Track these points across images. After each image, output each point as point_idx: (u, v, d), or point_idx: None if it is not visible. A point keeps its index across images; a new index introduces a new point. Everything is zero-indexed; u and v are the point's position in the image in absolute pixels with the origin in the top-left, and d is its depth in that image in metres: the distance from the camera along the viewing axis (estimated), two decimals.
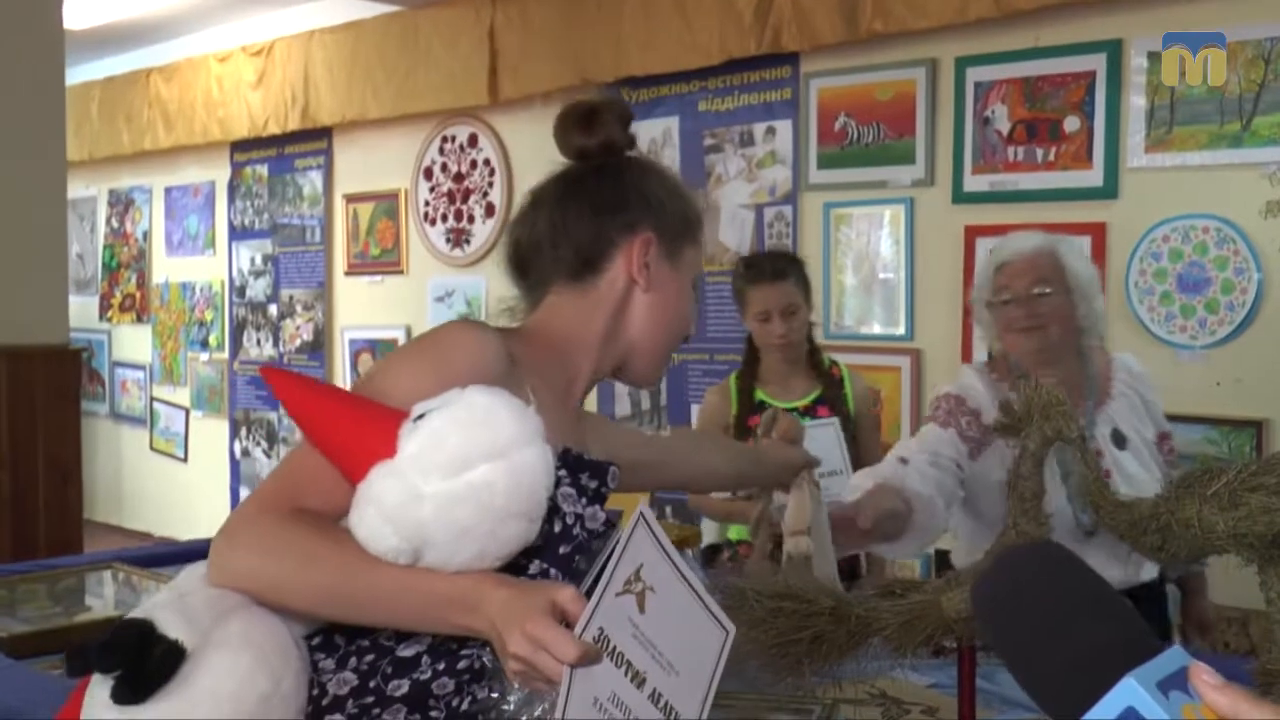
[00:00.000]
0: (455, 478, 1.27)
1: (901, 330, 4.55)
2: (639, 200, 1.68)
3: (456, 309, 6.07)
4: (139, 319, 8.08)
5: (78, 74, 7.43)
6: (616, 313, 1.68)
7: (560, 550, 1.43)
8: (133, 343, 8.13)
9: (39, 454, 4.19)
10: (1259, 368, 3.74)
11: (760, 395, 3.43)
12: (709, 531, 3.65)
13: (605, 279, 1.67)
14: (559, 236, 1.67)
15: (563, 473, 1.45)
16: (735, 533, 3.41)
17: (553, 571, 1.41)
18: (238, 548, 1.37)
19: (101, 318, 8.31)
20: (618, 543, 1.26)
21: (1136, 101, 3.95)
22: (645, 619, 1.26)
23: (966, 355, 4.31)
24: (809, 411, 3.34)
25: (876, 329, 4.58)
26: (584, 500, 1.49)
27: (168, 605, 1.31)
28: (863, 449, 3.26)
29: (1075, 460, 1.84)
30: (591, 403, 5.77)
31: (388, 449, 1.30)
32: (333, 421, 1.37)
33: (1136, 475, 2.56)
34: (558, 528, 1.43)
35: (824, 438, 2.78)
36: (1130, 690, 0.74)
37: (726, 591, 1.76)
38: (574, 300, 1.68)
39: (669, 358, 1.78)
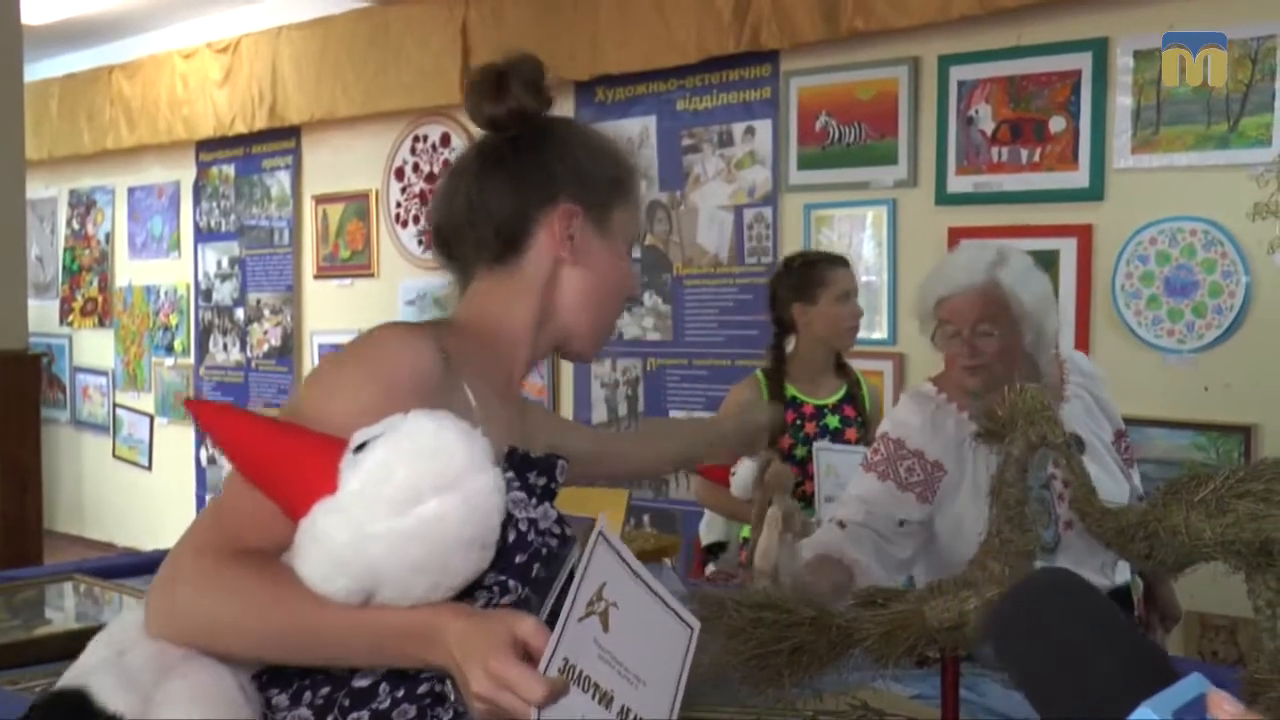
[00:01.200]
0: (405, 514, 1.23)
1: (884, 334, 4.56)
2: (558, 169, 1.61)
3: (429, 313, 6.06)
4: (101, 323, 8.03)
5: (37, 70, 7.39)
6: (545, 294, 1.62)
7: (516, 560, 1.39)
8: (95, 348, 8.08)
9: None
10: (1247, 372, 3.76)
11: (791, 391, 3.56)
12: (713, 529, 3.69)
13: (529, 259, 1.61)
14: (477, 216, 1.61)
15: (510, 474, 1.41)
16: (748, 532, 3.45)
17: (511, 582, 1.38)
18: (177, 595, 1.31)
19: (62, 322, 8.26)
20: (578, 565, 1.24)
21: (1123, 101, 3.97)
22: (609, 637, 1.25)
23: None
24: (837, 409, 3.58)
25: (861, 332, 4.60)
26: (534, 500, 1.45)
27: (104, 669, 1.25)
28: None
29: (1061, 467, 1.85)
30: (567, 408, 5.73)
31: (328, 484, 1.25)
32: (267, 456, 1.31)
33: (1097, 478, 2.53)
34: (511, 536, 1.38)
35: (853, 464, 2.83)
36: (1144, 718, 0.74)
37: (705, 601, 1.76)
38: (500, 285, 1.62)
39: (612, 328, 1.72)
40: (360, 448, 1.26)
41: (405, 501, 1.22)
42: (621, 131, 5.28)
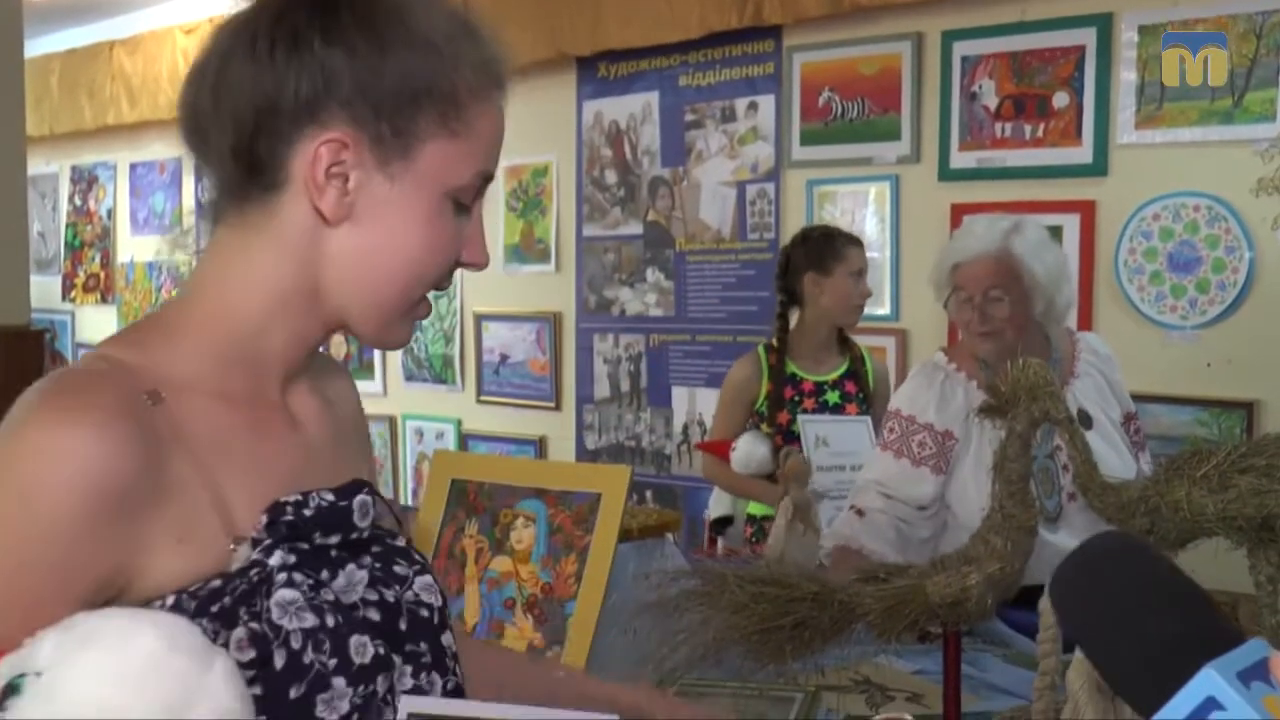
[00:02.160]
0: None
1: (887, 310, 4.56)
2: (333, 64, 1.05)
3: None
4: (103, 299, 8.03)
5: (37, 46, 7.36)
6: (307, 259, 1.09)
7: (291, 694, 0.99)
8: (97, 324, 8.07)
9: None
10: (1250, 348, 3.76)
11: (791, 368, 3.59)
12: (719, 504, 3.72)
13: (283, 200, 1.08)
14: (222, 115, 1.07)
15: (278, 557, 1.02)
16: (755, 508, 3.48)
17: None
18: None
19: (64, 298, 8.26)
20: None
21: (1127, 77, 3.95)
22: None
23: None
24: (837, 385, 3.61)
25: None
26: (322, 575, 1.05)
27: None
28: (877, 426, 3.37)
29: (1064, 442, 1.85)
30: (569, 385, 5.74)
31: None
32: None
33: (1104, 455, 2.57)
34: (280, 660, 0.99)
35: (856, 433, 2.90)
36: (1209, 680, 0.74)
37: (707, 576, 1.76)
38: (245, 234, 1.10)
39: (407, 307, 1.14)
40: (9, 690, 0.83)
41: None
42: (624, 107, 5.28)
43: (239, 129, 1.07)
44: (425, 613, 1.14)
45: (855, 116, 4.62)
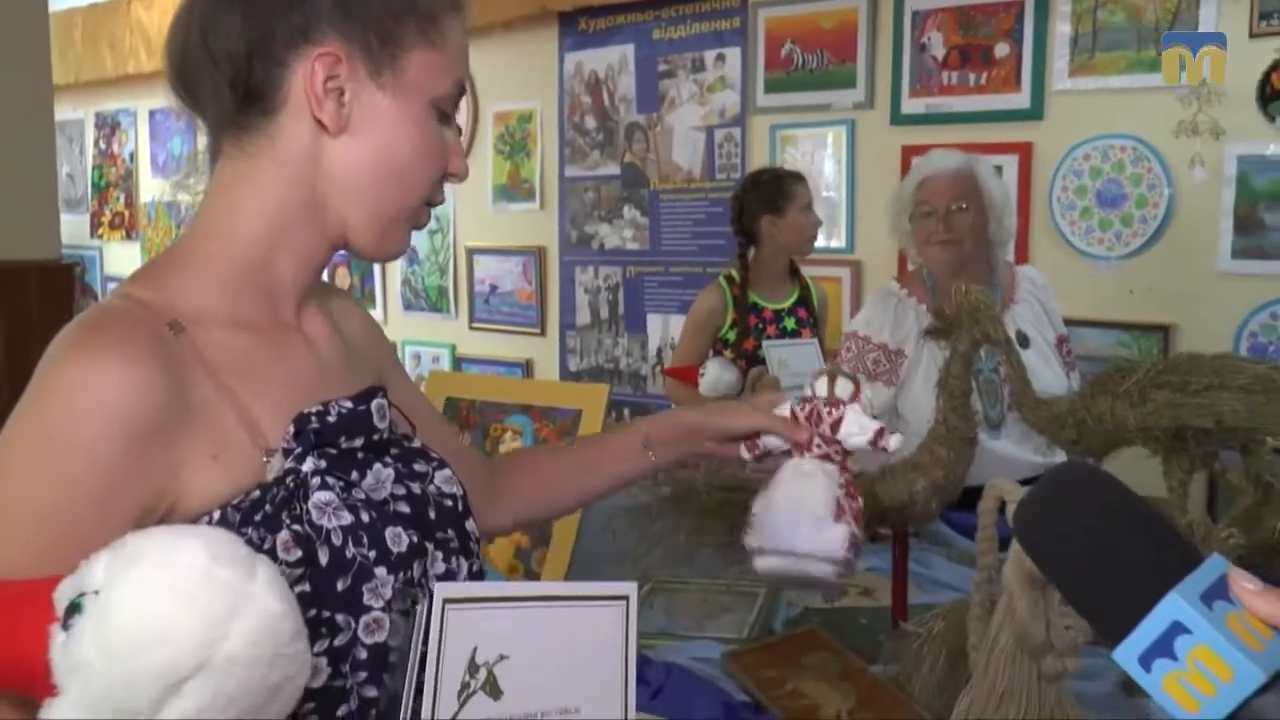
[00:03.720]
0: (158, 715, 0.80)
1: (843, 244, 4.55)
2: None
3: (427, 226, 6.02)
4: (128, 236, 7.96)
5: (61, 1, 7.23)
6: (307, 171, 1.07)
7: (338, 587, 0.99)
8: (123, 258, 8.01)
9: (34, 364, 4.13)
10: (1168, 277, 3.78)
11: (753, 298, 3.59)
12: None
13: (281, 122, 1.06)
14: (215, 55, 1.05)
15: (309, 464, 1.00)
16: None
17: (339, 618, 1.00)
18: None
19: (92, 235, 8.17)
20: (417, 663, 0.87)
21: (1062, 29, 3.93)
22: (509, 698, 0.90)
23: (902, 267, 4.31)
24: (792, 312, 3.61)
25: (820, 242, 4.59)
26: (353, 475, 1.04)
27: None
28: (823, 346, 3.45)
29: (1000, 361, 1.86)
30: (553, 313, 5.72)
31: (39, 668, 0.81)
32: None
33: (1039, 371, 2.61)
34: (324, 557, 0.98)
35: (808, 354, 2.91)
36: (1174, 605, 0.70)
37: (677, 484, 1.77)
38: (248, 160, 1.07)
39: (403, 216, 1.12)
40: (72, 613, 0.81)
41: (148, 706, 0.79)
42: (602, 59, 5.22)
43: (234, 61, 1.05)
44: (449, 503, 1.14)
45: (815, 67, 4.58)
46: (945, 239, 2.65)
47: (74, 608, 0.81)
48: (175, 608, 0.79)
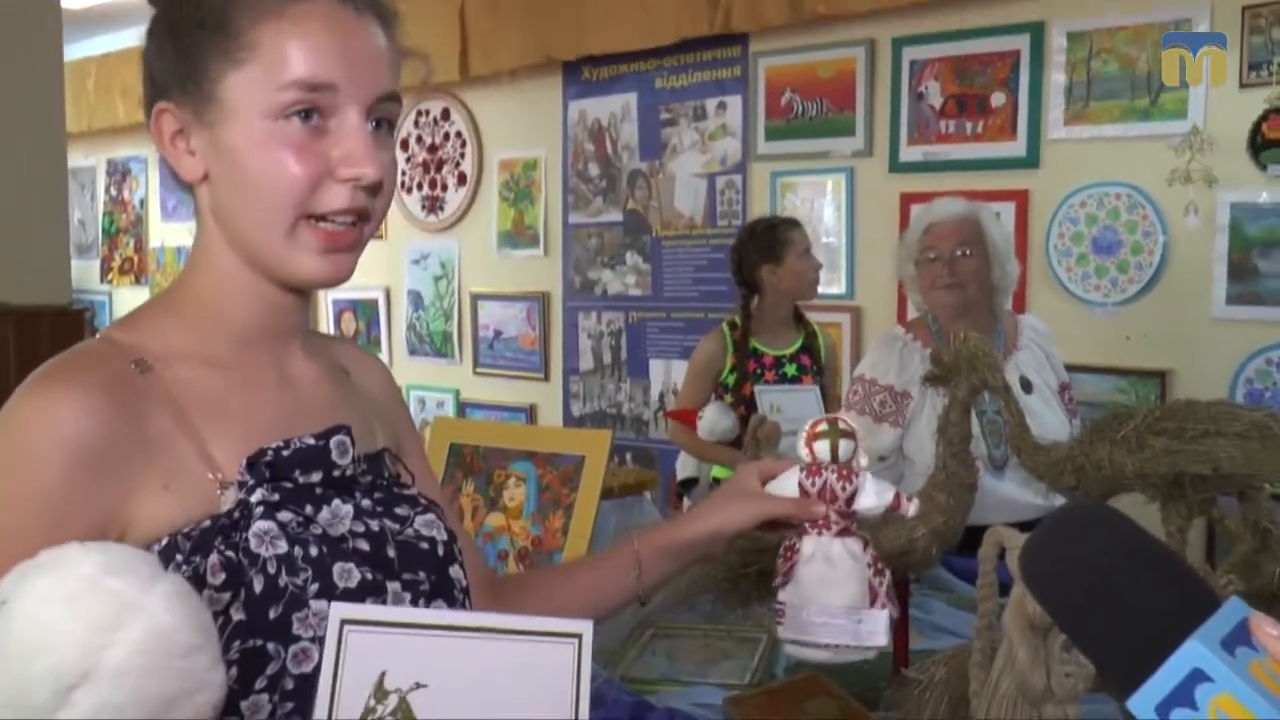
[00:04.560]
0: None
1: (843, 289, 4.56)
2: (150, 51, 1.08)
3: (431, 271, 6.04)
4: (137, 281, 7.98)
5: (76, 51, 7.28)
6: (216, 220, 1.09)
7: (270, 615, 0.99)
8: (132, 303, 7.92)
9: None
10: (1164, 322, 3.78)
11: (754, 344, 3.60)
12: (685, 467, 3.72)
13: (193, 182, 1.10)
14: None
15: (260, 493, 1.02)
16: (719, 471, 3.48)
17: (270, 646, 1.00)
18: None
19: (102, 280, 8.20)
20: (322, 683, 0.83)
21: (1056, 78, 3.96)
22: None
23: (901, 311, 4.33)
24: (794, 359, 3.61)
25: (819, 288, 4.61)
26: (308, 510, 1.04)
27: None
28: (825, 391, 3.47)
29: (1000, 407, 1.86)
30: (556, 358, 5.73)
31: None
32: None
33: (1042, 415, 2.62)
34: (259, 585, 0.98)
35: (806, 401, 2.92)
36: (1194, 651, 0.65)
37: None
38: (199, 227, 1.12)
39: (302, 238, 1.05)
40: None
41: (42, 712, 0.80)
42: (605, 107, 5.25)
43: (151, 137, 1.09)
44: (425, 545, 1.12)
45: (814, 115, 4.61)
46: (949, 283, 2.68)
47: None
48: (60, 615, 0.80)
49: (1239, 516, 1.71)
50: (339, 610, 0.84)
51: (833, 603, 1.24)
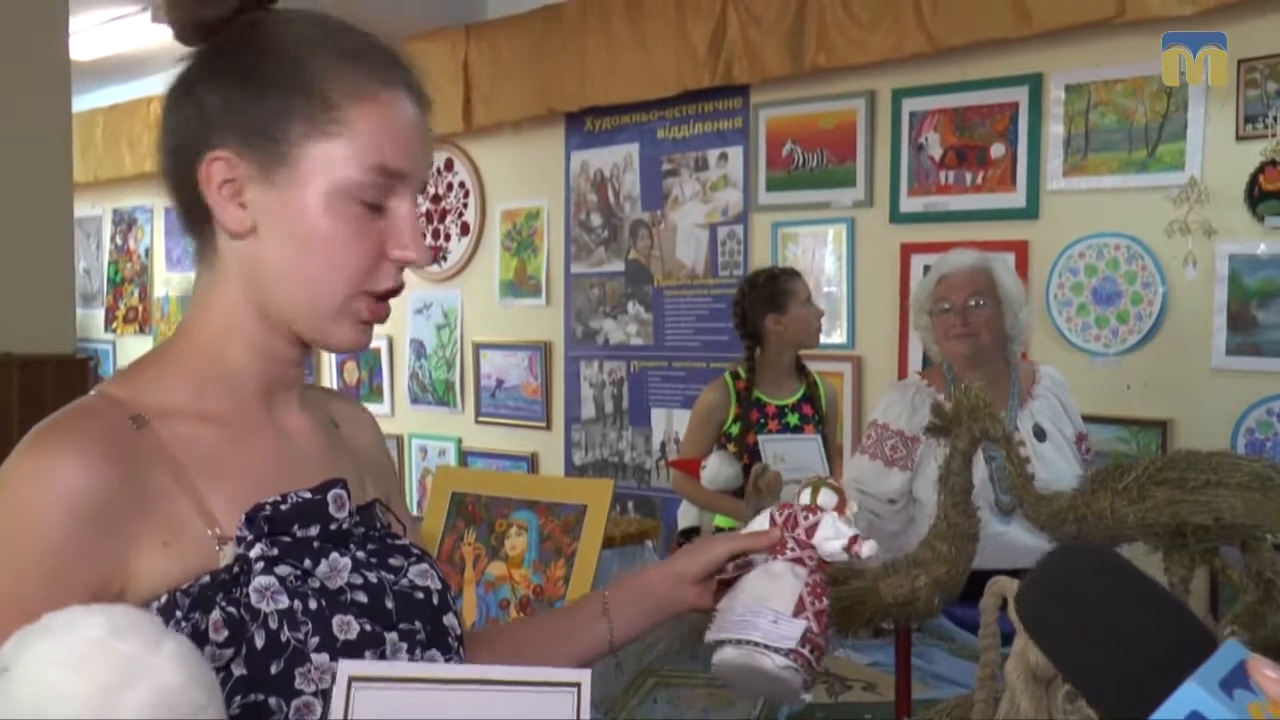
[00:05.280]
0: None
1: (844, 339, 4.56)
2: (211, 98, 1.06)
3: (434, 320, 6.05)
4: (141, 330, 8.00)
5: (83, 102, 7.34)
6: (243, 273, 1.08)
7: (272, 670, 0.99)
8: (135, 352, 8.00)
9: None
10: (1164, 372, 3.78)
11: (757, 394, 3.61)
12: (687, 515, 3.70)
13: (214, 229, 1.09)
14: (163, 176, 1.12)
15: (259, 548, 1.01)
16: (722, 521, 3.46)
17: (272, 701, 1.00)
18: None
19: (107, 329, 8.22)
20: None
21: (1055, 130, 3.98)
22: None
23: (903, 360, 4.33)
24: (796, 408, 3.62)
25: (821, 337, 4.62)
26: (306, 563, 1.03)
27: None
28: (827, 441, 3.48)
29: (1002, 458, 1.86)
30: (558, 407, 5.72)
31: None
32: None
33: (1055, 463, 2.62)
34: (260, 640, 0.99)
35: (808, 450, 2.93)
36: (1192, 693, 0.65)
37: None
38: (207, 268, 1.11)
39: (351, 313, 1.09)
40: None
41: None
42: (607, 158, 5.28)
43: (168, 176, 1.10)
44: (420, 595, 1.12)
45: (815, 166, 4.64)
46: (962, 333, 2.72)
47: None
48: (67, 677, 0.80)
49: (1242, 567, 1.71)
50: (347, 668, 0.85)
51: (759, 604, 1.26)
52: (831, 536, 1.31)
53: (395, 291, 1.12)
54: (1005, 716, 1.12)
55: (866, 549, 1.31)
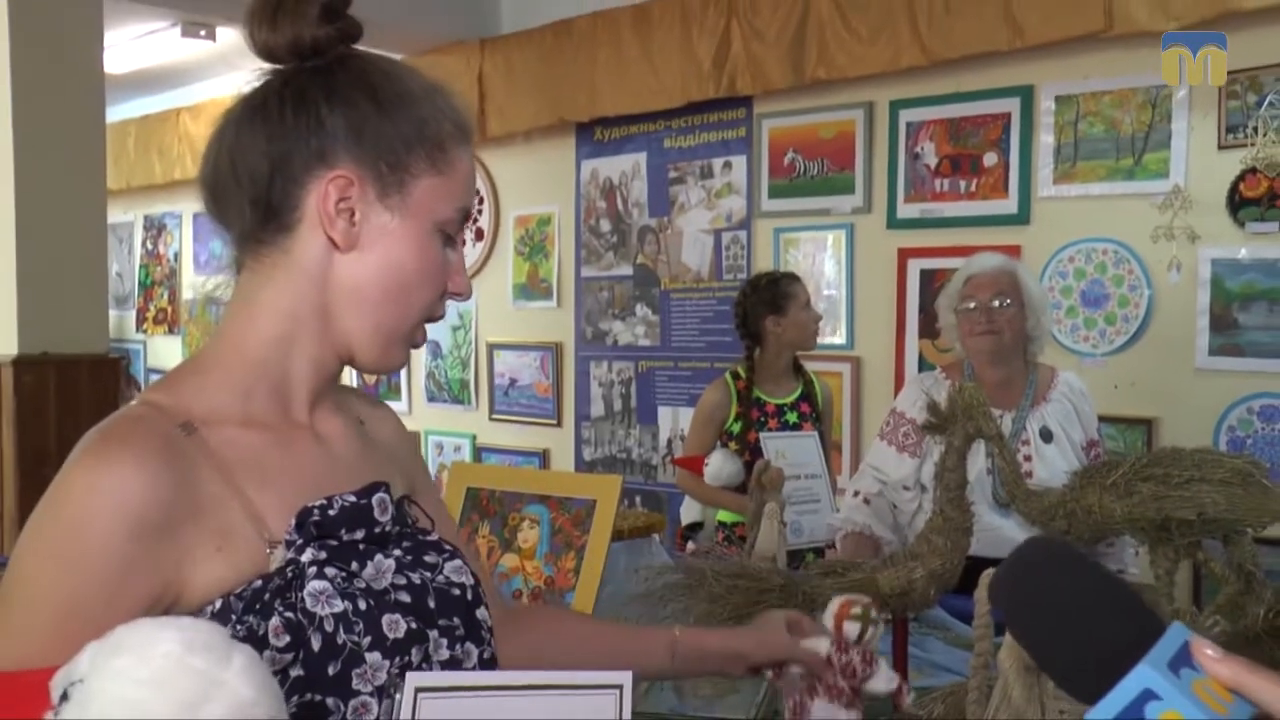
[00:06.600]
0: None
1: (843, 340, 4.56)
2: (335, 120, 1.07)
3: (450, 321, 6.05)
4: (170, 331, 8.02)
5: (117, 113, 7.37)
6: (320, 285, 1.09)
7: (329, 671, 0.99)
8: (165, 352, 8.06)
9: None
10: (1150, 372, 3.78)
11: (757, 393, 3.60)
12: (690, 511, 3.70)
13: (298, 238, 1.08)
14: (239, 177, 1.09)
15: (309, 554, 1.01)
16: (725, 516, 3.46)
17: (329, 701, 1.00)
18: None
19: (138, 329, 8.24)
20: None
21: (1046, 139, 3.98)
22: None
23: (900, 361, 4.33)
24: (795, 407, 3.61)
25: (821, 339, 4.62)
26: (353, 566, 1.04)
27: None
28: (824, 438, 3.44)
29: (995, 454, 1.86)
30: (568, 406, 5.71)
31: None
32: None
33: (1057, 465, 2.63)
34: (317, 643, 0.99)
35: (807, 447, 2.93)
36: (1144, 674, 0.70)
37: (689, 571, 1.76)
38: (266, 275, 1.09)
39: (404, 334, 1.13)
40: (63, 698, 0.83)
41: None
42: (616, 166, 5.29)
43: (255, 181, 1.08)
44: (456, 591, 1.12)
45: (815, 174, 4.64)
46: (986, 330, 2.74)
47: (64, 696, 0.81)
48: (148, 695, 0.79)
49: (1224, 560, 1.71)
50: (414, 679, 0.89)
51: None
52: (882, 688, 1.45)
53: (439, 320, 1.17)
54: (998, 703, 1.12)
55: (910, 699, 1.47)
